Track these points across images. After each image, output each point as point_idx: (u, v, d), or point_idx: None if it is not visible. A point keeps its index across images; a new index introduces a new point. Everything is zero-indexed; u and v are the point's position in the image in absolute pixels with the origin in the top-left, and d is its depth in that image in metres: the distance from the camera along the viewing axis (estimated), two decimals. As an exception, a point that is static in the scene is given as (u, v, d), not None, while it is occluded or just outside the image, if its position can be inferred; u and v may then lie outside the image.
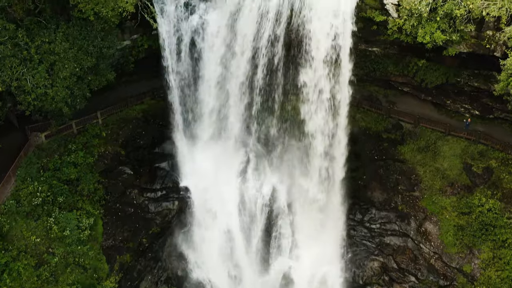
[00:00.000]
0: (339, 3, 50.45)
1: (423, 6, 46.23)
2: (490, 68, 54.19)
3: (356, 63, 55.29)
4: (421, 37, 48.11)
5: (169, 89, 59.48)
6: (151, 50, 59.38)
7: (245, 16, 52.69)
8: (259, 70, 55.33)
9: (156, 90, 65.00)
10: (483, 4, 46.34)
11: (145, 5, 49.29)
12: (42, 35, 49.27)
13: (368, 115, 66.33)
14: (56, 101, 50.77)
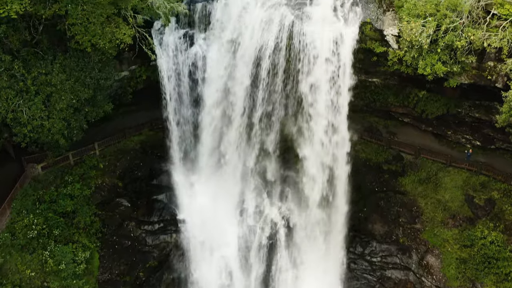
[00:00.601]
0: (340, 36, 50.59)
1: (423, 38, 45.82)
2: (492, 99, 53.57)
3: (356, 94, 55.11)
4: (422, 69, 47.64)
5: (167, 121, 59.12)
6: (150, 81, 58.97)
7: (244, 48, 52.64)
8: (259, 103, 55.01)
9: (154, 121, 64.41)
10: (484, 35, 45.88)
11: (143, 37, 48.93)
12: (39, 66, 48.89)
13: (369, 146, 65.68)
14: (53, 133, 50.20)
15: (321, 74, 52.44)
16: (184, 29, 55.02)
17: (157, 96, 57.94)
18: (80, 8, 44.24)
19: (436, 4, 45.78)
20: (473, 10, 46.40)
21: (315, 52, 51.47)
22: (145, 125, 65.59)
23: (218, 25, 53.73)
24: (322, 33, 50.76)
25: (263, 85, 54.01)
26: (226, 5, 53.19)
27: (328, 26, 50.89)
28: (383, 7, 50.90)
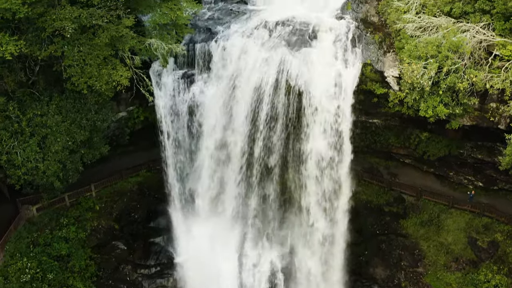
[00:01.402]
0: (340, 77, 50.30)
1: (425, 80, 45.25)
2: (494, 140, 53.01)
3: (356, 135, 54.75)
4: (424, 111, 47.03)
5: (165, 162, 58.41)
6: (148, 121, 58.45)
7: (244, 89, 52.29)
8: (258, 145, 54.33)
9: (152, 162, 63.58)
10: (486, 76, 45.44)
11: (141, 78, 48.38)
12: (34, 107, 48.36)
13: (369, 187, 64.76)
14: (47, 175, 49.40)
15: (321, 114, 52.01)
16: (183, 69, 54.67)
17: (155, 136, 57.24)
18: (77, 50, 43.80)
19: (438, 46, 45.33)
20: (475, 51, 46.07)
21: (314, 93, 51.00)
22: (143, 166, 64.69)
23: (217, 66, 53.35)
24: (322, 75, 50.45)
25: (263, 126, 53.38)
26: (225, 45, 52.91)
27: (328, 67, 50.62)
28: (383, 48, 50.68)
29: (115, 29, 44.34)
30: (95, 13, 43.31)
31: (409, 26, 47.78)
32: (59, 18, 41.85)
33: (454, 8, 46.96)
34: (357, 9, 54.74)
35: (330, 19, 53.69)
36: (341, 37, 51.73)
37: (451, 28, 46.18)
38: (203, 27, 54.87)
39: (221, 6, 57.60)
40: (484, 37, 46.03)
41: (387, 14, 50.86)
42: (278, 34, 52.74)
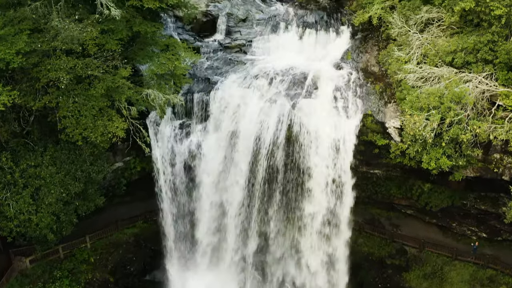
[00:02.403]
0: (340, 128, 49.85)
1: (427, 132, 44.43)
2: (498, 191, 52.06)
3: (357, 185, 53.76)
4: (426, 163, 46.10)
5: (162, 213, 57.49)
6: (145, 172, 57.48)
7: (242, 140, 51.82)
8: (257, 196, 53.57)
9: (149, 213, 62.18)
10: (490, 127, 44.66)
11: (137, 129, 47.58)
12: (28, 158, 47.47)
13: (371, 239, 63.29)
14: (41, 227, 48.18)
15: (321, 165, 51.43)
16: (181, 119, 54.16)
17: (152, 187, 56.34)
18: (72, 101, 43.06)
19: (440, 97, 44.64)
20: (477, 102, 45.38)
21: (314, 144, 50.54)
22: (139, 217, 63.23)
23: (216, 116, 52.99)
24: (322, 126, 50.06)
25: (262, 177, 52.74)
26: (223, 96, 52.61)
27: (328, 118, 50.20)
28: (384, 99, 50.24)
29: (112, 79, 43.73)
30: (91, 64, 42.74)
31: (410, 77, 47.23)
32: (54, 69, 41.26)
33: (456, 58, 46.42)
34: (357, 59, 54.54)
35: (330, 69, 53.64)
36: (341, 87, 51.54)
37: (453, 78, 45.59)
38: (201, 76, 54.53)
39: (220, 55, 57.33)
40: (487, 87, 45.43)
41: (387, 64, 50.42)
42: (278, 84, 52.50)
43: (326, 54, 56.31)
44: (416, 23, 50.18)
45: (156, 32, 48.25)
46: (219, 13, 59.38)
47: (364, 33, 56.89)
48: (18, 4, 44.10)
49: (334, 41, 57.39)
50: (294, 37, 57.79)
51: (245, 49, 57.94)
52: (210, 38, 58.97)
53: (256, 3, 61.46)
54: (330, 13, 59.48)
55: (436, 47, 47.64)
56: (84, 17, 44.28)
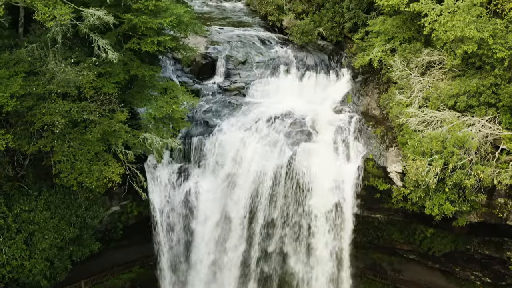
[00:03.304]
0: (341, 173, 49.26)
1: (430, 178, 43.57)
2: (502, 235, 51.47)
3: (358, 230, 53.25)
4: (430, 209, 45.21)
5: (159, 257, 56.19)
6: (142, 216, 56.36)
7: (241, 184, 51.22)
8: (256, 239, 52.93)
9: (146, 258, 60.91)
10: (493, 172, 43.83)
11: (134, 174, 46.73)
12: (22, 202, 46.44)
13: (373, 285, 62.13)
14: (34, 273, 46.79)
15: (321, 210, 50.90)
16: (179, 163, 53.38)
17: (149, 231, 55.13)
18: (67, 145, 42.21)
19: (442, 141, 43.89)
20: (481, 146, 44.62)
21: (315, 188, 49.91)
22: (136, 262, 61.94)
23: (214, 160, 52.29)
24: (322, 170, 49.37)
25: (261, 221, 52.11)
26: (222, 139, 52.04)
27: (328, 162, 49.59)
28: (385, 143, 49.67)
29: (108, 123, 42.99)
30: (87, 107, 42.07)
31: (412, 121, 46.57)
32: (49, 112, 40.50)
33: (459, 102, 45.79)
34: (357, 102, 54.17)
35: (330, 112, 53.32)
36: (341, 131, 51.08)
37: (456, 122, 44.95)
38: (200, 119, 53.92)
39: (219, 98, 56.82)
40: (490, 131, 44.75)
41: (389, 108, 49.88)
42: (277, 127, 51.99)
43: (326, 97, 55.96)
44: (417, 66, 49.78)
45: (154, 75, 47.66)
46: (218, 56, 59.08)
47: (364, 75, 56.63)
48: (15, 45, 43.70)
49: (335, 84, 57.18)
50: (294, 79, 57.54)
51: (245, 92, 57.45)
52: (209, 80, 58.52)
53: (256, 45, 61.24)
54: (330, 56, 59.41)
55: (438, 91, 47.11)
56: (81, 60, 43.71)
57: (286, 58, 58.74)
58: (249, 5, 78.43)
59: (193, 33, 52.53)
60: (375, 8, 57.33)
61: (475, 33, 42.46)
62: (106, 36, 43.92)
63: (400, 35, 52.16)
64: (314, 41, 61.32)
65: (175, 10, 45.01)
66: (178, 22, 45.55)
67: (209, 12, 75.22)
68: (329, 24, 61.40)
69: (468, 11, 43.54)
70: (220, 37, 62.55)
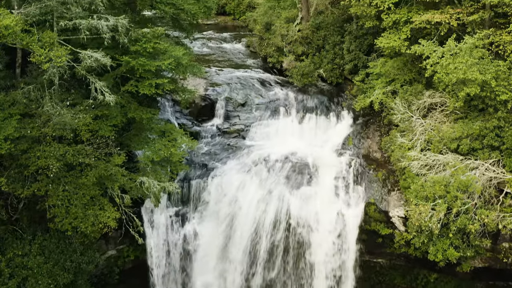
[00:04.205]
0: (341, 218, 48.62)
1: (433, 223, 42.63)
2: (507, 279, 50.17)
3: (359, 275, 52.07)
4: (433, 255, 44.20)
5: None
6: (139, 260, 54.97)
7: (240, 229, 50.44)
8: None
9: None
10: (498, 216, 42.98)
11: (131, 218, 45.82)
12: (16, 247, 45.24)
13: (375, 331, 60.79)
14: (26, 320, 45.65)
15: (322, 256, 50.10)
16: (177, 206, 52.44)
17: (146, 275, 53.82)
18: (62, 189, 41.35)
19: (446, 185, 43.09)
20: (485, 190, 43.82)
21: (315, 233, 49.19)
22: (133, 309, 60.80)
23: (213, 204, 51.51)
24: (323, 214, 48.76)
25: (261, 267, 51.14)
26: (221, 183, 51.35)
27: (329, 207, 48.93)
28: (387, 187, 48.88)
29: (104, 167, 42.19)
30: (83, 151, 41.36)
31: (414, 164, 45.80)
32: (44, 156, 39.75)
33: (462, 145, 45.12)
34: (358, 145, 53.55)
35: (330, 155, 52.71)
36: (342, 174, 50.37)
37: (459, 166, 44.20)
38: (199, 162, 53.23)
39: (218, 140, 56.25)
40: (494, 174, 44.00)
41: (390, 151, 49.21)
42: (277, 170, 51.31)
43: (326, 139, 55.40)
44: (418, 108, 49.29)
45: (152, 117, 47.07)
46: (217, 98, 58.77)
47: (365, 118, 56.18)
48: (11, 86, 43.20)
49: (335, 126, 56.69)
50: (294, 122, 57.11)
51: (244, 134, 56.91)
52: (209, 122, 58.09)
53: (256, 87, 60.95)
54: (331, 98, 59.08)
55: (440, 133, 46.50)
56: (77, 102, 43.21)
57: (286, 100, 58.40)
58: (249, 47, 78.58)
59: (192, 75, 52.13)
60: (375, 50, 57.17)
61: (478, 75, 41.98)
62: (104, 78, 43.40)
63: (401, 77, 51.78)
64: (314, 83, 61.13)
65: (174, 53, 44.55)
66: (177, 65, 45.07)
67: (209, 54, 75.20)
68: (329, 66, 61.26)
69: (470, 53, 43.11)
70: (220, 78, 62.33)
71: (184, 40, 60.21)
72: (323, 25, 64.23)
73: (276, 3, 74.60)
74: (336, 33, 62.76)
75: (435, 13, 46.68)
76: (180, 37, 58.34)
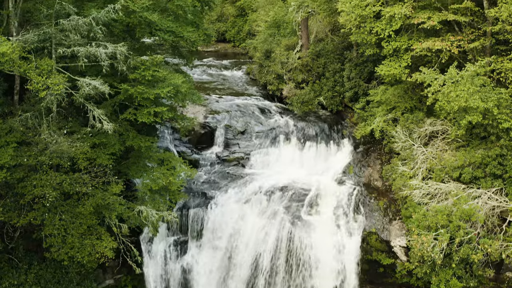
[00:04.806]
0: (342, 247, 48.06)
1: (436, 253, 41.85)
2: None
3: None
4: (436, 285, 43.30)
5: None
6: (137, 290, 54.44)
7: (240, 258, 49.72)
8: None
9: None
10: (501, 245, 42.28)
11: (129, 247, 45.09)
12: (11, 276, 44.46)
13: None
14: None
15: (322, 286, 49.01)
16: (176, 235, 51.63)
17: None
18: (58, 218, 40.66)
19: (448, 215, 42.43)
20: (488, 219, 43.21)
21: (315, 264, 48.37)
22: None
23: (212, 233, 50.71)
24: (324, 244, 47.98)
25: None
26: (220, 212, 50.65)
27: (329, 236, 48.16)
28: (389, 216, 48.16)
29: (102, 196, 41.57)
30: (80, 179, 40.75)
31: (416, 193, 45.21)
32: (40, 184, 39.16)
33: (464, 174, 44.56)
34: (359, 173, 52.95)
35: (331, 184, 52.04)
36: (343, 203, 49.73)
37: (461, 195, 43.59)
38: (198, 191, 52.58)
39: (217, 168, 55.69)
40: (497, 203, 43.39)
41: (391, 180, 48.64)
42: (277, 199, 50.68)
43: (327, 167, 54.88)
44: (420, 136, 48.82)
45: (151, 146, 46.51)
46: (217, 125, 58.37)
47: (366, 145, 55.68)
48: (9, 113, 42.74)
49: (335, 154, 56.24)
50: (294, 150, 56.69)
51: (244, 163, 56.37)
52: (208, 150, 57.57)
53: (256, 115, 60.58)
54: (331, 125, 58.67)
55: (442, 162, 45.96)
56: (75, 129, 42.71)
57: (286, 127, 57.99)
58: (249, 74, 78.44)
59: (191, 102, 51.74)
60: (376, 77, 56.93)
61: (480, 103, 41.54)
62: (102, 105, 43.02)
63: (402, 105, 51.41)
64: (314, 111, 60.91)
65: (173, 81, 44.16)
66: (176, 93, 44.64)
67: (209, 81, 74.99)
68: (329, 93, 61.02)
69: (471, 80, 42.73)
70: (220, 106, 61.97)
71: (184, 67, 59.96)
72: (323, 52, 64.15)
73: (276, 30, 74.68)
74: (336, 60, 62.68)
75: (436, 41, 46.36)
76: (180, 64, 57.95)
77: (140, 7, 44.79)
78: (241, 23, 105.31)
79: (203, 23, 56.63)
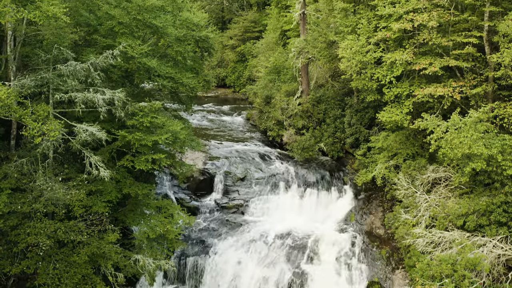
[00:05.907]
0: None
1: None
2: None
3: None
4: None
5: None
6: None
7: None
8: None
9: None
10: (507, 297, 41.25)
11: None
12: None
13: None
14: None
15: None
16: (173, 284, 50.32)
17: None
18: (52, 267, 39.56)
19: (453, 264, 41.26)
20: (493, 267, 42.01)
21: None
22: None
23: (211, 282, 49.36)
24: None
25: None
26: (219, 260, 49.48)
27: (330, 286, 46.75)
28: (391, 265, 46.96)
29: (97, 244, 40.54)
30: (75, 227, 39.76)
31: (419, 241, 44.04)
32: (34, 232, 38.15)
33: (468, 222, 43.52)
34: (361, 221, 51.95)
35: (332, 232, 51.03)
36: (344, 252, 48.57)
37: (466, 243, 42.49)
38: (196, 238, 51.54)
39: (217, 216, 54.75)
40: (502, 251, 42.22)
41: (394, 228, 47.55)
42: (277, 248, 49.58)
43: (328, 215, 53.94)
44: (422, 183, 47.91)
45: (148, 193, 45.64)
46: (216, 172, 57.69)
47: (367, 193, 54.79)
48: (5, 158, 41.97)
49: (336, 201, 55.31)
50: (294, 197, 55.87)
51: (243, 210, 55.45)
52: (207, 197, 56.78)
53: (255, 161, 59.90)
54: (332, 172, 57.95)
55: (446, 209, 44.97)
56: (71, 176, 41.90)
57: (286, 174, 57.28)
58: (249, 120, 78.10)
59: (190, 149, 51.06)
60: (377, 123, 56.39)
61: (484, 150, 40.79)
62: (99, 152, 42.29)
63: (403, 151, 50.66)
64: (315, 157, 60.22)
65: (171, 127, 43.51)
66: (174, 139, 43.94)
67: (208, 127, 74.57)
68: (330, 139, 60.45)
69: (474, 127, 42.08)
70: (219, 152, 61.37)
71: (184, 113, 59.51)
72: (324, 98, 63.81)
73: (276, 76, 74.47)
74: (336, 106, 62.28)
75: (437, 87, 45.81)
76: (179, 110, 57.49)
77: (139, 53, 44.45)
78: (241, 69, 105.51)
79: (202, 69, 56.47)
